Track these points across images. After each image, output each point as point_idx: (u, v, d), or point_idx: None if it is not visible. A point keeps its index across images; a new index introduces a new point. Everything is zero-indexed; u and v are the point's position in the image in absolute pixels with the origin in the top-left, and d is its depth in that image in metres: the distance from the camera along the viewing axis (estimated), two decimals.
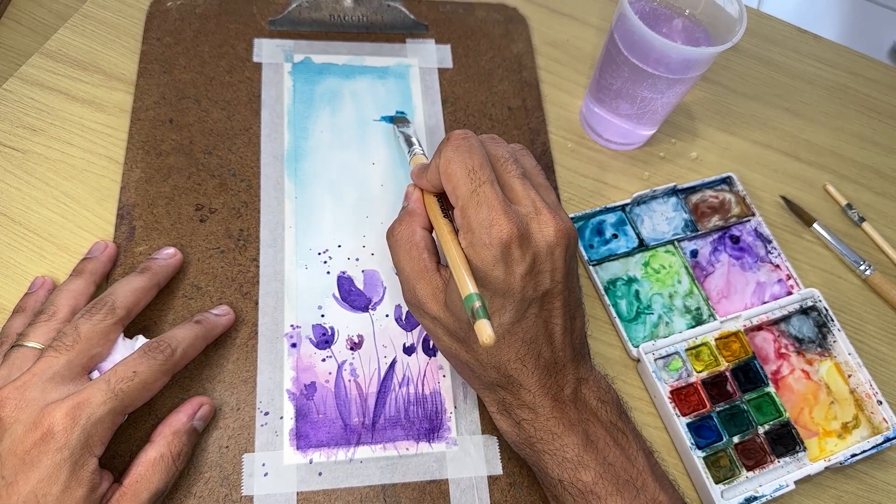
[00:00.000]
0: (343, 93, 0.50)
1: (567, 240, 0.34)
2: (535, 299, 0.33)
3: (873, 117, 0.58)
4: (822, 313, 0.46)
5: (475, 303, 0.30)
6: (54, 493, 0.30)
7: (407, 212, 0.37)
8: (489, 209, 0.32)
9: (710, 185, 0.50)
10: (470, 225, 0.32)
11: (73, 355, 0.33)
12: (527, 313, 0.33)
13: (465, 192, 0.33)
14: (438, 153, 0.35)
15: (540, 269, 0.33)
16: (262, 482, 0.37)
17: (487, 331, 0.29)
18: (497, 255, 0.32)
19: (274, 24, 0.51)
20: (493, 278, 0.32)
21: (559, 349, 0.35)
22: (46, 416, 0.31)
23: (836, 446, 0.42)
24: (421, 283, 0.35)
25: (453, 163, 0.33)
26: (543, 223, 0.33)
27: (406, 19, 0.52)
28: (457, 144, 0.34)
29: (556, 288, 0.34)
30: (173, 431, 0.35)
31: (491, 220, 0.32)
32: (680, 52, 0.42)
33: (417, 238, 0.36)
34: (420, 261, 0.35)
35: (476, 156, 0.33)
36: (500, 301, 0.33)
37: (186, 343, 0.36)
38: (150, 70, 0.48)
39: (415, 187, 0.38)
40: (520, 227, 0.32)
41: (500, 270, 0.32)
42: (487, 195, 0.32)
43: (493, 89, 0.52)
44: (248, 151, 0.46)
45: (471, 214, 0.32)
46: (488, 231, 0.32)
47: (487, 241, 0.32)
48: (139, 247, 0.42)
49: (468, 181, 0.33)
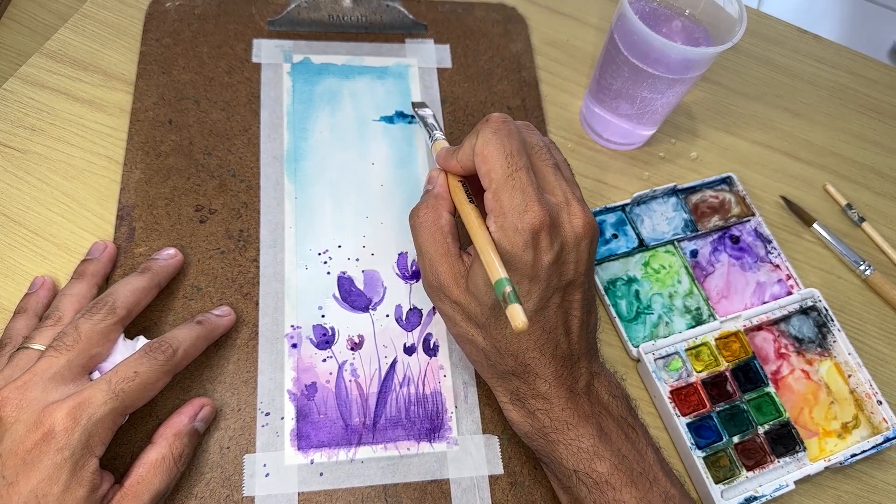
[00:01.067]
0: (342, 93, 0.50)
1: (593, 233, 0.34)
2: (559, 289, 0.34)
3: (873, 117, 0.58)
4: (821, 313, 0.46)
5: (506, 287, 0.30)
6: (55, 492, 0.30)
7: (432, 195, 0.37)
8: (523, 195, 0.32)
9: (710, 185, 0.50)
10: (503, 208, 0.32)
11: (73, 355, 0.33)
12: (549, 302, 0.34)
13: (501, 176, 0.33)
14: (475, 134, 0.35)
15: (566, 258, 0.34)
16: (263, 483, 0.37)
17: (521, 315, 0.29)
18: (527, 240, 0.32)
19: (273, 25, 0.51)
20: (522, 263, 0.32)
21: (575, 342, 0.35)
22: (47, 416, 0.31)
23: (836, 446, 0.42)
24: (444, 266, 0.35)
25: (491, 145, 0.33)
26: (573, 214, 0.34)
27: (405, 19, 0.52)
28: (496, 127, 0.34)
29: (578, 280, 0.34)
30: (174, 433, 0.35)
31: (525, 205, 0.32)
32: (680, 52, 0.42)
33: (443, 222, 0.36)
34: (444, 244, 0.35)
35: (514, 140, 0.34)
36: (527, 286, 0.33)
37: (188, 343, 0.36)
38: (149, 71, 0.48)
39: (440, 171, 0.38)
40: (551, 215, 0.33)
41: (529, 256, 0.32)
42: (523, 181, 0.32)
43: (492, 89, 0.52)
44: (247, 152, 0.46)
45: (504, 198, 0.32)
46: (521, 216, 0.32)
47: (519, 226, 0.32)
48: (139, 248, 0.42)
49: (505, 165, 0.33)
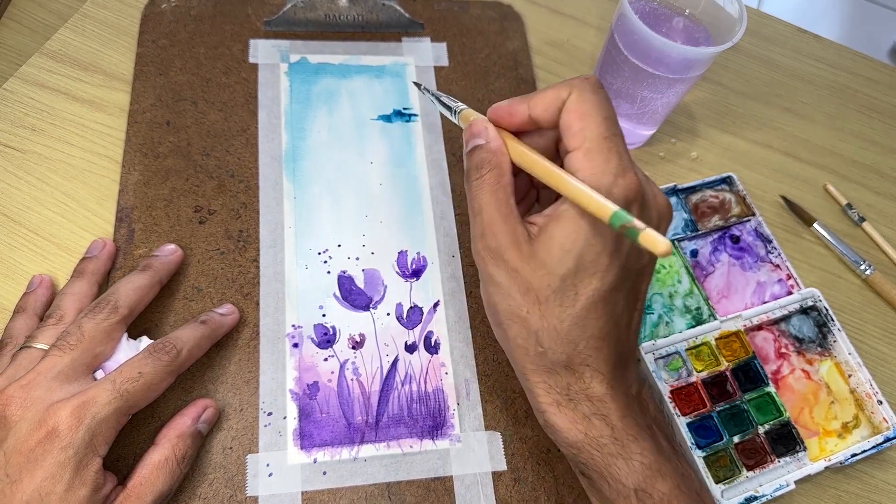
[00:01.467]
0: (340, 92, 0.50)
1: (670, 218, 0.32)
2: (633, 273, 0.31)
3: (873, 117, 0.58)
4: (822, 313, 0.46)
5: (627, 217, 0.27)
6: (58, 491, 0.30)
7: (491, 150, 0.33)
8: (620, 159, 0.30)
9: (710, 184, 0.50)
10: (595, 168, 0.29)
11: (77, 354, 0.33)
12: (623, 284, 0.31)
13: (598, 136, 0.30)
14: (566, 87, 0.32)
15: None
16: (266, 482, 0.37)
17: (659, 238, 0.26)
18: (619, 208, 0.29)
19: (269, 25, 0.51)
20: (607, 233, 0.29)
21: (633, 339, 0.32)
22: (51, 414, 0.31)
23: (837, 446, 0.42)
24: (506, 227, 0.31)
25: (590, 103, 0.31)
26: (657, 194, 0.32)
27: (401, 18, 0.52)
28: (595, 87, 0.31)
29: (649, 268, 0.32)
30: (178, 434, 0.35)
31: (622, 170, 0.29)
32: (680, 51, 0.42)
33: (506, 180, 0.32)
34: (507, 205, 0.32)
35: (611, 106, 0.32)
36: (607, 261, 0.30)
37: (192, 343, 0.36)
38: (146, 72, 0.48)
39: (486, 123, 0.34)
40: (643, 187, 0.30)
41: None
42: (620, 145, 0.30)
43: (489, 87, 0.52)
44: (245, 152, 0.46)
45: (599, 159, 0.30)
46: (616, 180, 0.29)
47: (615, 191, 0.29)
48: (138, 249, 0.41)
49: (604, 126, 0.30)
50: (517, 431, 0.40)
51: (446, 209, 0.47)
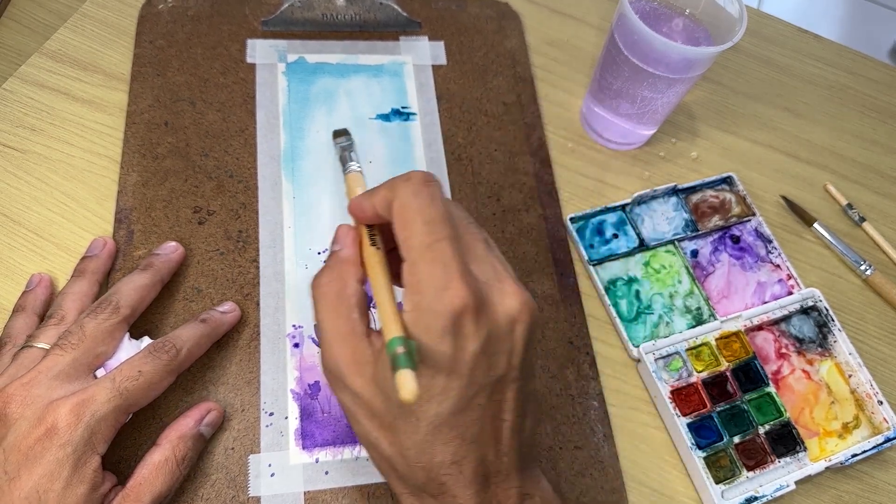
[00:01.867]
0: (338, 92, 0.50)
1: (531, 316, 0.29)
2: (486, 386, 0.28)
3: (874, 117, 0.58)
4: (822, 313, 0.46)
5: (398, 347, 0.25)
6: (56, 489, 0.30)
7: (339, 259, 0.31)
8: (445, 269, 0.27)
9: (711, 184, 0.50)
10: (419, 285, 0.27)
11: (78, 353, 0.33)
12: (472, 403, 0.28)
13: (420, 245, 0.27)
14: (392, 188, 0.29)
15: (496, 348, 0.28)
16: (268, 482, 0.37)
17: (409, 385, 0.24)
18: (447, 325, 0.26)
19: (267, 25, 0.51)
20: (439, 353, 0.27)
21: (505, 453, 0.29)
22: (51, 412, 0.31)
23: (837, 446, 0.42)
24: (345, 348, 0.29)
25: (410, 209, 0.28)
26: (507, 294, 0.28)
27: (399, 17, 0.52)
28: (417, 189, 0.28)
29: (511, 374, 0.28)
30: (179, 435, 0.35)
31: (446, 281, 0.26)
32: (680, 51, 0.42)
33: (349, 292, 0.30)
34: (348, 321, 0.29)
35: (438, 206, 0.28)
36: (444, 383, 0.27)
37: (192, 342, 0.36)
38: (144, 73, 0.48)
39: (349, 229, 0.32)
40: (477, 294, 0.27)
41: (448, 345, 0.26)
42: (445, 252, 0.27)
43: (487, 85, 0.52)
44: (244, 152, 0.46)
45: (422, 272, 0.27)
46: (440, 294, 0.26)
47: (437, 307, 0.26)
48: (138, 250, 0.41)
49: (425, 232, 0.27)
50: None
51: None
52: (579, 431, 0.41)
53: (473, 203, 0.47)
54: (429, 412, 0.27)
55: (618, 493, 0.39)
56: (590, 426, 0.41)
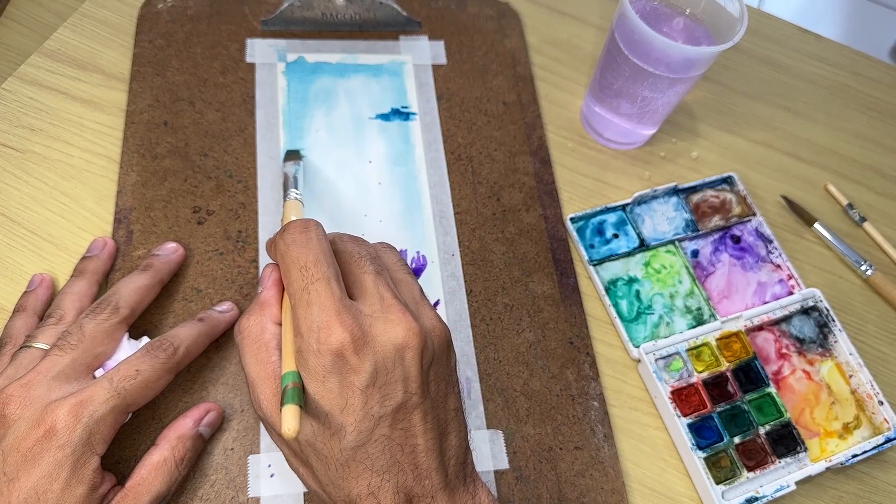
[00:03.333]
0: (337, 91, 0.50)
1: (421, 340, 0.29)
2: (384, 416, 0.28)
3: (874, 117, 0.58)
4: (823, 313, 0.46)
5: (288, 383, 0.26)
6: (55, 490, 0.30)
7: (259, 302, 0.32)
8: (320, 310, 0.28)
9: (711, 184, 0.50)
10: (299, 328, 0.28)
11: (77, 354, 0.33)
12: (374, 435, 0.28)
13: (296, 291, 0.28)
14: (274, 241, 0.31)
15: (387, 378, 0.28)
16: (268, 483, 0.37)
17: (290, 421, 0.24)
18: (328, 364, 0.27)
19: (266, 24, 0.51)
20: (326, 393, 0.27)
21: (424, 476, 0.29)
22: (49, 413, 0.31)
23: (838, 447, 0.42)
24: (266, 390, 0.29)
25: (286, 258, 0.29)
26: (390, 322, 0.28)
27: (398, 16, 0.52)
28: (291, 238, 0.30)
29: (410, 400, 0.29)
30: (178, 436, 0.35)
31: (321, 322, 0.27)
32: (681, 51, 0.42)
33: (267, 336, 0.30)
34: (268, 364, 0.30)
35: (312, 250, 0.29)
36: (338, 421, 0.28)
37: (189, 341, 0.36)
38: (143, 73, 0.47)
39: (272, 270, 0.33)
40: (356, 329, 0.28)
41: (334, 383, 0.27)
42: (320, 294, 0.28)
43: (487, 84, 0.52)
44: (243, 152, 0.46)
45: (300, 316, 0.28)
46: (317, 336, 0.27)
47: (316, 348, 0.27)
48: (137, 251, 0.41)
49: (299, 278, 0.28)
50: (519, 430, 0.40)
51: (445, 208, 0.46)
52: (579, 432, 0.41)
53: (473, 203, 0.47)
54: (333, 450, 0.28)
55: (618, 494, 0.39)
56: (590, 426, 0.41)
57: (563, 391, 0.42)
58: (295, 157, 0.45)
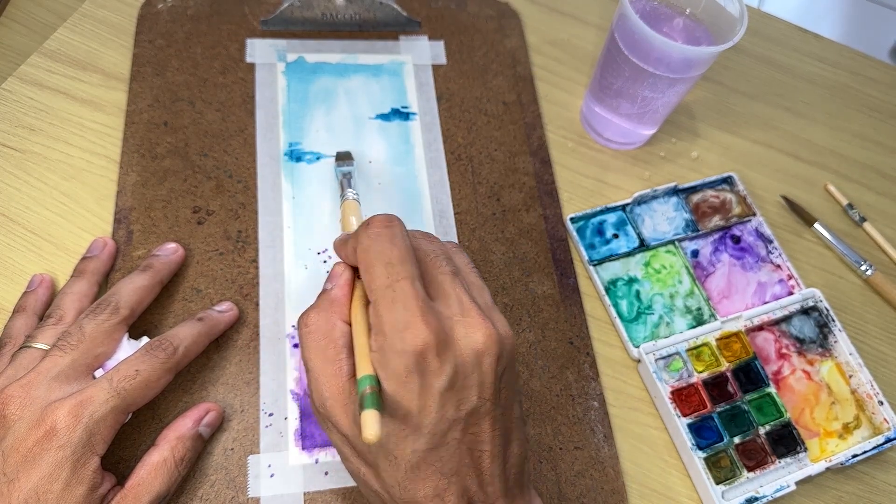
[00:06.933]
0: (337, 91, 0.50)
1: (499, 347, 0.29)
2: (458, 420, 0.28)
3: (874, 117, 0.58)
4: (823, 313, 0.46)
5: (366, 387, 0.26)
6: (55, 490, 0.30)
7: (328, 298, 0.31)
8: (405, 309, 0.27)
9: (711, 184, 0.50)
10: (381, 326, 0.27)
11: (77, 354, 0.33)
12: (446, 438, 0.28)
13: (380, 288, 0.28)
14: (355, 236, 0.30)
15: (464, 383, 0.28)
16: (268, 483, 0.37)
17: (372, 426, 0.24)
18: (410, 364, 0.27)
19: (266, 24, 0.51)
20: (406, 392, 0.27)
21: (488, 482, 0.29)
22: (49, 414, 0.31)
23: (838, 447, 0.42)
24: (332, 388, 0.29)
25: (370, 252, 0.29)
26: (470, 327, 0.28)
27: (398, 16, 0.52)
28: (376, 232, 0.29)
29: (483, 406, 0.28)
30: (178, 436, 0.35)
31: (406, 322, 0.27)
32: (681, 51, 0.42)
33: (336, 334, 0.30)
34: (335, 362, 0.29)
35: (397, 247, 0.29)
36: (414, 422, 0.27)
37: (189, 340, 0.36)
38: (143, 73, 0.47)
39: (344, 269, 0.32)
40: (440, 331, 0.27)
41: (415, 384, 0.27)
42: (405, 292, 0.27)
43: (487, 84, 0.52)
44: (243, 152, 0.46)
45: (383, 314, 0.28)
46: (401, 335, 0.27)
47: (400, 348, 0.27)
48: (137, 251, 0.41)
49: (384, 275, 0.28)
50: None
51: (445, 207, 0.46)
52: (579, 432, 0.41)
53: (473, 203, 0.47)
54: (405, 451, 0.28)
55: (618, 494, 0.39)
56: (590, 426, 0.41)
57: (563, 391, 0.42)
58: (346, 158, 0.45)
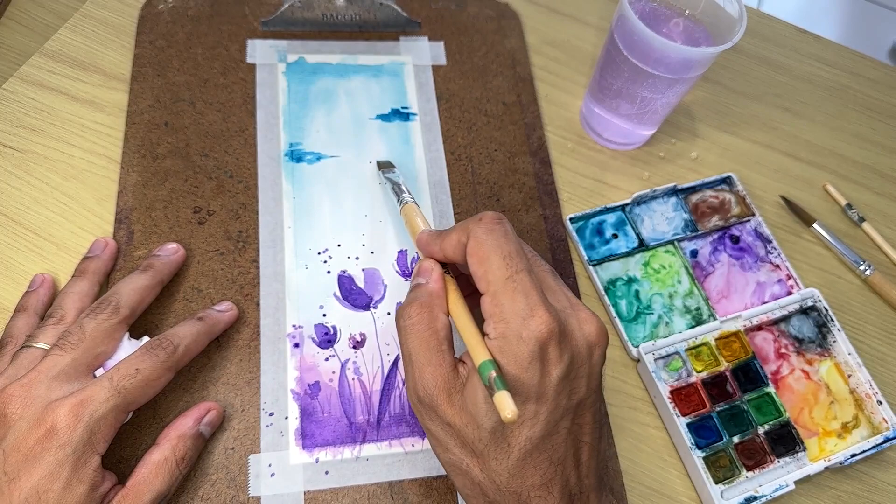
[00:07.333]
0: (338, 92, 0.50)
1: (606, 342, 0.31)
2: (569, 410, 0.29)
3: (873, 117, 0.58)
4: (822, 313, 0.46)
5: (492, 371, 0.26)
6: (56, 489, 0.30)
7: (427, 292, 0.32)
8: (527, 298, 0.28)
9: (710, 185, 0.50)
10: (503, 314, 0.28)
11: (78, 354, 0.33)
12: (559, 427, 0.29)
13: (500, 278, 0.29)
14: (464, 230, 0.31)
15: (577, 373, 0.29)
16: (268, 482, 0.37)
17: (510, 405, 0.25)
18: (534, 351, 0.28)
19: (267, 25, 0.51)
20: (527, 378, 0.28)
21: (585, 475, 0.30)
22: (50, 413, 0.31)
23: (836, 446, 0.42)
24: (438, 378, 0.30)
25: (486, 246, 0.30)
26: (584, 321, 0.30)
27: (399, 17, 0.52)
28: (491, 227, 0.30)
29: (589, 398, 0.30)
30: (178, 435, 0.35)
31: (529, 310, 0.28)
32: (680, 52, 0.42)
33: (439, 326, 0.31)
34: (439, 353, 0.30)
35: (512, 242, 0.30)
36: (533, 408, 0.28)
37: (189, 339, 0.36)
38: (144, 73, 0.48)
39: (433, 264, 0.33)
40: (561, 321, 0.29)
41: (536, 371, 0.28)
42: (525, 283, 0.29)
43: (487, 85, 0.52)
44: (244, 153, 0.46)
45: (505, 302, 0.29)
46: (525, 323, 0.28)
47: (524, 334, 0.28)
48: (138, 251, 0.41)
49: (504, 266, 0.29)
50: None
51: (445, 208, 0.47)
52: None
53: (473, 203, 0.47)
54: (520, 437, 0.29)
55: (617, 493, 0.39)
56: None
57: None
58: (388, 166, 0.46)
